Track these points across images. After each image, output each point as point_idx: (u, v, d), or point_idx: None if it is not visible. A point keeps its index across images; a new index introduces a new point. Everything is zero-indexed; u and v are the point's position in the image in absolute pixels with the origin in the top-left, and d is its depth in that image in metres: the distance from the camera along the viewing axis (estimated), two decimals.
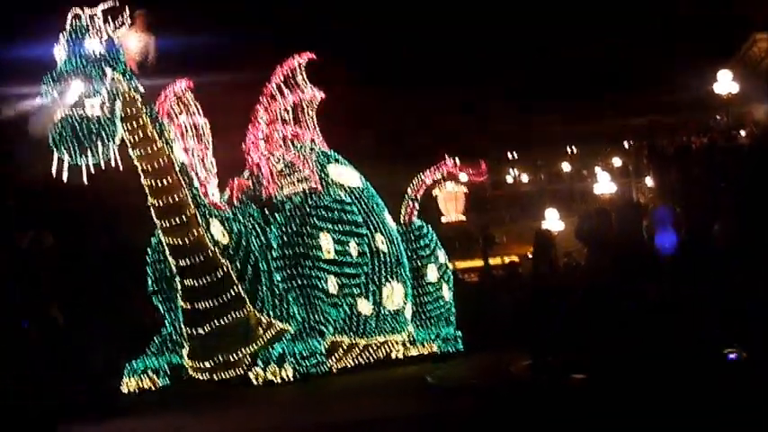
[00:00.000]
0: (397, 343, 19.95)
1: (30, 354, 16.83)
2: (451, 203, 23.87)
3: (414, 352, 20.16)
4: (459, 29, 52.21)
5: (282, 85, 19.24)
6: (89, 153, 14.83)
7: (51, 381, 16.20)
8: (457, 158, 22.64)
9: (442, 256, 21.15)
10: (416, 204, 21.64)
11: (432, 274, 20.64)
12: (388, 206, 20.58)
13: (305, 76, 19.44)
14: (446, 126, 49.48)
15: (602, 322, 15.44)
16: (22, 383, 14.91)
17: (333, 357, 18.17)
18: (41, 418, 12.72)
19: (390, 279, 19.33)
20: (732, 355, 13.81)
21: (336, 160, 19.94)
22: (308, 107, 19.58)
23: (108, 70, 15.27)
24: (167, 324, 18.10)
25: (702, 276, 15.18)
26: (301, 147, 19.40)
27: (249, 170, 18.99)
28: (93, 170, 14.94)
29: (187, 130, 17.36)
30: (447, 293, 20.97)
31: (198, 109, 17.71)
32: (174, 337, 17.91)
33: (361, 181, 20.15)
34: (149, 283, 18.03)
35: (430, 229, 21.30)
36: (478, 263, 37.97)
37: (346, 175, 19.83)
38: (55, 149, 14.86)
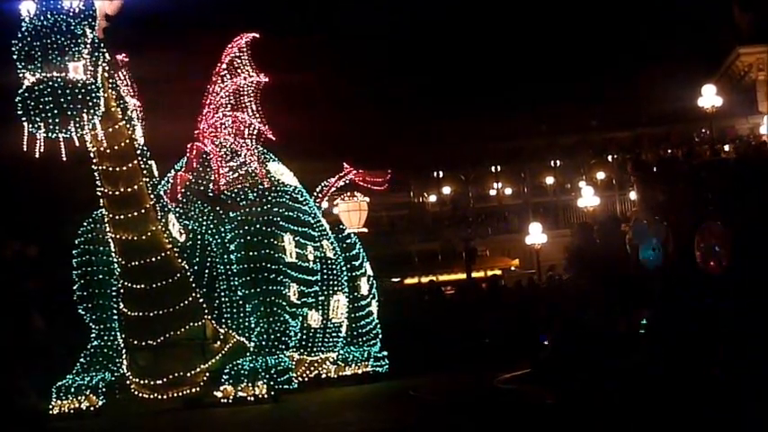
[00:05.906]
0: (328, 361, 18.12)
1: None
2: (355, 214, 22.26)
3: (347, 371, 18.37)
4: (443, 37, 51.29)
5: (230, 66, 17.18)
6: (71, 124, 12.28)
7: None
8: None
9: (369, 268, 19.53)
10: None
11: (364, 287, 18.92)
12: None
13: (250, 59, 17.42)
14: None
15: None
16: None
17: None
18: None
19: (336, 290, 17.56)
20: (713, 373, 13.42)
21: (272, 159, 17.97)
22: (251, 92, 17.49)
23: (87, 30, 12.82)
24: (95, 336, 15.61)
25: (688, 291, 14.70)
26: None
27: (189, 161, 16.65)
28: (77, 142, 12.42)
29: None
30: (375, 309, 19.35)
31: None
32: (107, 350, 15.45)
33: (296, 181, 18.28)
34: (75, 288, 15.53)
35: (357, 238, 19.68)
36: (460, 276, 36.54)
37: (285, 173, 17.89)
38: (27, 122, 12.24)
